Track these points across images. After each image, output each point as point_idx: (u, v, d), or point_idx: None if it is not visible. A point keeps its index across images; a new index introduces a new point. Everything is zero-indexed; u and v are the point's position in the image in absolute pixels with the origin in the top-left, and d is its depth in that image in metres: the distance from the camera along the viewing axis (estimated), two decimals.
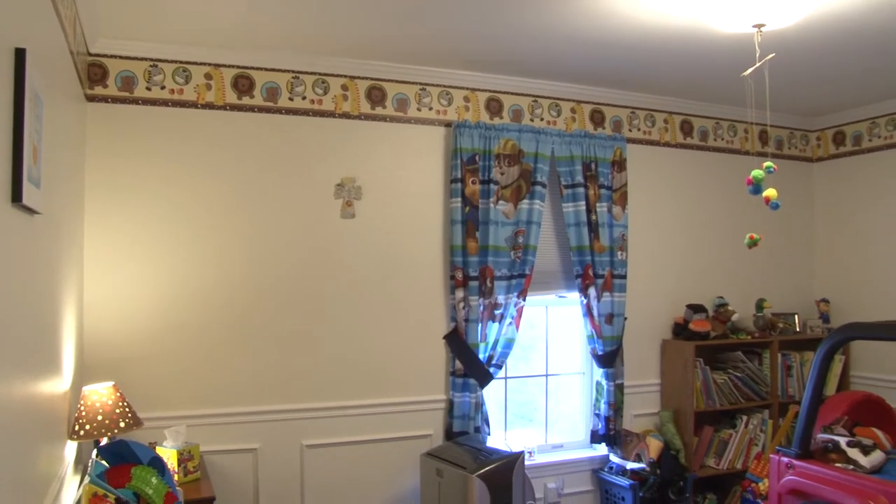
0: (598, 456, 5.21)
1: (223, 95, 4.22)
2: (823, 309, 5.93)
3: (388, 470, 4.60)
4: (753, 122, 5.75)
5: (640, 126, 5.40)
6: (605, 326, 5.02)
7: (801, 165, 6.16)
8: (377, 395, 4.58)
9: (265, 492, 4.29)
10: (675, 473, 5.02)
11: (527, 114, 4.99)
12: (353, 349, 4.51)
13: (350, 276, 4.51)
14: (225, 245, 4.22)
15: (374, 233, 4.57)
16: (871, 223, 5.74)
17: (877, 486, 3.82)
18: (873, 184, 5.72)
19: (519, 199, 4.77)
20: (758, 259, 5.81)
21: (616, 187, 5.11)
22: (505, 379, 5.06)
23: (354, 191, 4.52)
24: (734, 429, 5.35)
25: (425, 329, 4.69)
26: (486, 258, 4.67)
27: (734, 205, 5.69)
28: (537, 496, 4.86)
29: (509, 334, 4.75)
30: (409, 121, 4.67)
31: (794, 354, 5.65)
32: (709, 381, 5.24)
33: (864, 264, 5.79)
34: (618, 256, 5.09)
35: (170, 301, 4.10)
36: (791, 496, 4.24)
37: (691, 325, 5.26)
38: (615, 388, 5.07)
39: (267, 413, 4.31)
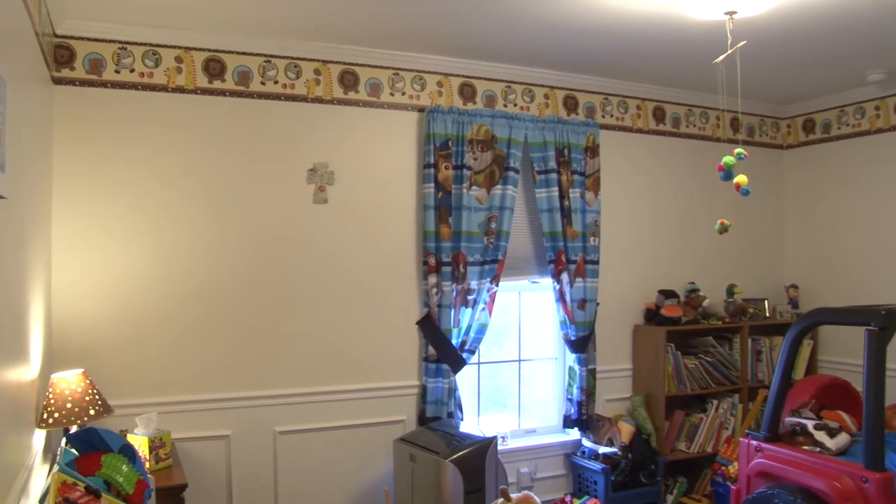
0: (571, 440, 5.24)
1: (194, 79, 4.17)
2: (792, 294, 6.00)
3: (362, 456, 4.60)
4: (725, 109, 5.79)
5: (613, 112, 5.41)
6: (578, 312, 5.05)
7: (772, 152, 6.21)
8: (350, 381, 4.57)
9: (238, 478, 4.27)
10: (647, 457, 5.07)
11: (500, 99, 4.98)
12: (325, 335, 4.50)
13: (322, 261, 4.49)
14: (196, 230, 4.18)
15: (346, 218, 4.55)
16: (840, 210, 5.81)
17: (842, 468, 3.88)
18: (841, 171, 5.79)
19: (492, 185, 4.76)
20: (729, 245, 5.87)
21: (589, 173, 5.12)
22: (478, 364, 5.07)
23: (327, 176, 4.50)
24: (705, 413, 5.41)
25: (398, 315, 4.69)
26: (458, 244, 4.67)
27: (706, 191, 5.73)
28: (510, 481, 4.89)
29: (482, 320, 4.76)
30: (383, 106, 4.65)
31: (763, 339, 5.72)
32: (680, 366, 5.28)
33: (833, 250, 5.86)
34: (590, 242, 5.11)
35: (140, 287, 4.06)
36: (760, 478, 4.30)
37: (663, 311, 5.30)
38: (587, 373, 5.10)
39: (239, 399, 4.28)
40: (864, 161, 5.63)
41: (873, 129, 5.56)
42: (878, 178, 5.52)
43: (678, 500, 5.31)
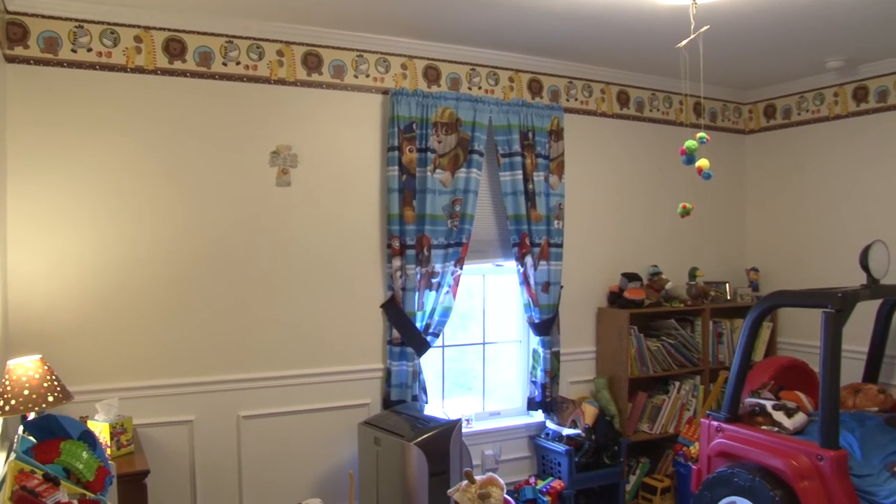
0: (535, 422, 5.28)
1: (154, 59, 4.10)
2: (753, 278, 6.08)
3: (326, 439, 4.59)
4: (688, 93, 5.83)
5: (578, 96, 5.42)
6: (542, 295, 5.07)
7: (734, 137, 6.27)
8: (314, 365, 4.56)
9: (201, 463, 4.25)
10: (610, 439, 5.12)
11: (465, 82, 4.97)
12: (289, 319, 4.47)
13: (286, 244, 4.46)
14: (157, 213, 4.12)
15: (310, 201, 4.52)
16: (799, 194, 5.89)
17: (799, 447, 3.96)
18: (801, 156, 5.87)
19: (456, 168, 4.76)
20: (691, 229, 5.93)
21: (553, 156, 5.13)
22: (442, 347, 5.08)
23: (290, 158, 4.46)
24: (667, 394, 5.48)
25: (362, 298, 4.67)
26: (423, 227, 4.66)
27: (669, 175, 5.77)
28: (475, 463, 4.91)
29: (446, 303, 4.76)
30: (346, 88, 4.61)
31: (724, 322, 5.79)
32: (643, 349, 5.34)
33: (792, 234, 5.95)
34: (554, 225, 5.13)
35: (100, 271, 4.00)
36: (720, 458, 4.37)
37: (626, 294, 5.34)
38: (551, 356, 5.13)
39: (202, 384, 4.25)
40: (822, 147, 5.71)
41: (832, 115, 5.63)
42: (836, 163, 5.60)
43: (641, 481, 5.38)
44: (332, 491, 4.57)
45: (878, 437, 4.22)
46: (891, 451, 4.01)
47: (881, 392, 4.84)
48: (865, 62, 5.25)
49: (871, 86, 5.36)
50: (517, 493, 4.98)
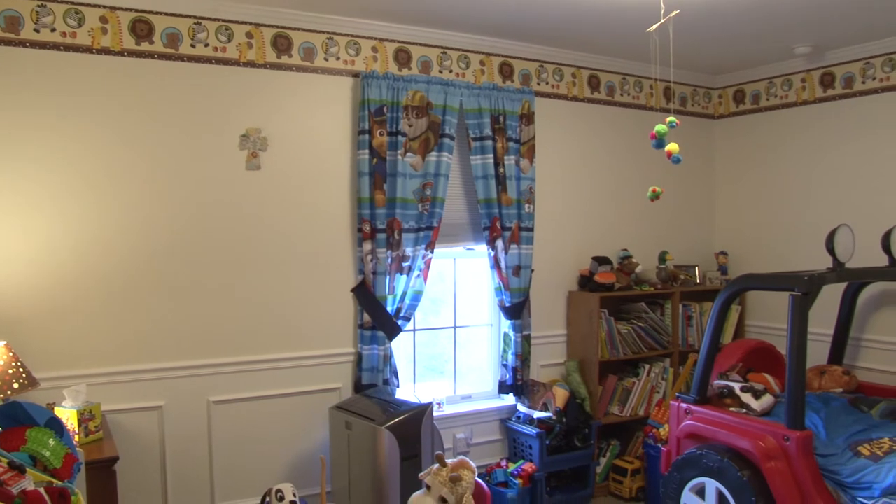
0: (506, 406, 5.30)
1: (120, 40, 4.03)
2: (722, 261, 6.13)
3: (297, 424, 4.58)
4: (658, 78, 5.85)
5: (549, 80, 5.42)
6: (513, 278, 5.08)
7: (704, 122, 6.31)
8: (285, 350, 4.54)
9: (172, 449, 4.22)
10: (581, 421, 5.16)
11: (435, 65, 4.94)
12: (259, 303, 4.44)
13: (256, 228, 4.42)
14: (124, 197, 4.06)
15: (280, 184, 4.48)
16: (767, 179, 5.95)
17: (766, 428, 4.02)
18: (769, 141, 5.92)
19: (427, 152, 4.74)
20: (661, 212, 5.97)
21: (524, 140, 5.14)
22: (413, 331, 5.08)
23: (260, 142, 4.41)
24: (637, 377, 5.52)
25: (333, 282, 4.66)
26: (393, 210, 4.64)
27: (640, 159, 5.80)
28: (446, 446, 4.92)
29: (417, 287, 4.76)
30: (316, 71, 4.57)
31: (694, 305, 5.84)
32: (613, 332, 5.37)
33: (760, 218, 6.01)
34: (525, 209, 5.14)
35: (66, 255, 3.93)
36: (689, 440, 4.42)
37: (596, 277, 5.36)
38: (522, 339, 5.15)
39: (172, 370, 4.21)
40: (790, 132, 5.76)
41: (799, 100, 5.69)
42: (803, 148, 5.66)
43: (611, 463, 5.43)
44: (303, 475, 4.56)
45: (843, 417, 4.30)
46: (854, 431, 4.09)
47: (846, 374, 4.93)
48: (832, 49, 5.30)
49: (837, 72, 5.41)
50: (489, 476, 5.00)
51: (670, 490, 4.39)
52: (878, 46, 5.11)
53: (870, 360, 5.19)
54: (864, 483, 3.65)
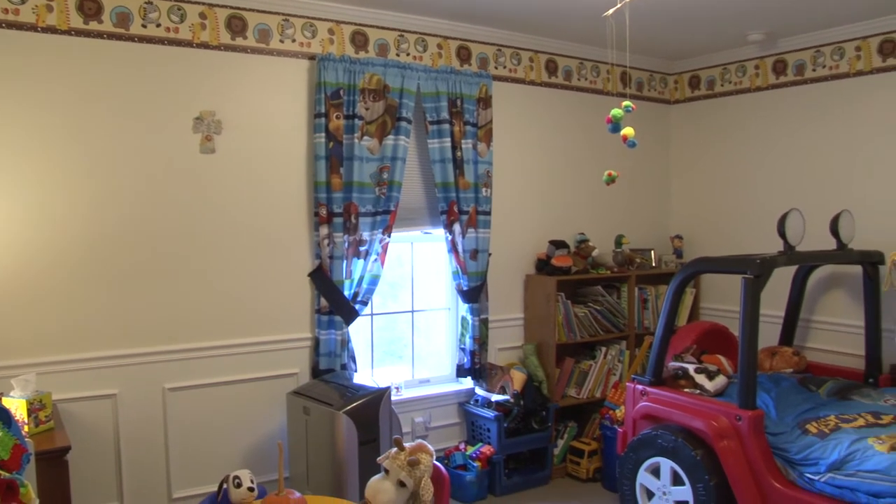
0: (464, 389, 5.33)
1: (67, 19, 3.92)
2: (677, 245, 6.20)
3: (255, 410, 4.54)
4: (615, 63, 5.89)
5: (506, 64, 5.42)
6: (470, 262, 5.09)
7: (660, 107, 6.37)
8: (241, 335, 4.49)
9: (126, 438, 4.15)
10: (538, 404, 5.20)
11: (392, 48, 4.91)
12: (215, 288, 4.39)
13: (210, 212, 4.36)
14: (73, 181, 3.96)
15: (235, 168, 4.42)
16: (721, 164, 6.02)
17: (719, 408, 4.09)
18: (723, 127, 5.99)
19: (384, 135, 4.72)
20: (617, 196, 6.02)
21: (481, 124, 5.14)
22: (371, 316, 5.06)
23: (214, 125, 4.35)
24: (594, 360, 5.58)
25: (289, 267, 4.62)
26: (350, 194, 4.62)
27: (596, 144, 5.83)
28: (405, 430, 4.93)
29: (374, 271, 4.74)
30: (272, 53, 4.51)
31: (649, 288, 5.91)
32: (570, 315, 5.41)
33: (714, 203, 6.09)
34: (482, 193, 5.14)
35: (12, 240, 3.83)
36: (645, 421, 4.49)
37: (553, 261, 5.39)
38: (480, 323, 5.17)
39: (125, 357, 4.15)
40: (743, 117, 5.84)
41: (753, 87, 5.76)
42: (756, 134, 5.74)
43: (568, 444, 5.48)
44: (261, 461, 4.54)
45: (792, 396, 4.40)
46: (803, 410, 4.19)
47: (796, 354, 5.04)
48: (784, 36, 5.38)
49: (789, 59, 5.49)
50: (447, 460, 5.03)
51: (626, 470, 4.45)
52: (828, 35, 5.19)
53: (819, 341, 5.31)
54: (811, 459, 3.74)
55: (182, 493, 4.35)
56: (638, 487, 4.39)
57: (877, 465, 3.48)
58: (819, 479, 3.66)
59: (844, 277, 5.16)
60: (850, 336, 5.09)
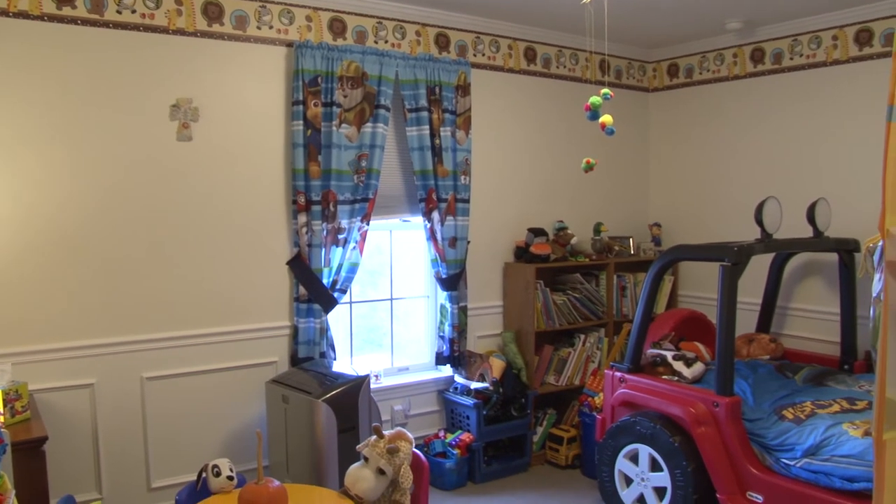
0: (444, 377, 5.33)
1: (39, 4, 3.85)
2: (655, 233, 6.23)
3: (234, 399, 4.52)
4: (593, 50, 5.89)
5: (485, 51, 5.40)
6: (449, 250, 5.08)
7: (638, 95, 6.38)
8: (220, 324, 4.47)
9: (104, 427, 4.12)
10: (517, 391, 5.22)
11: (371, 36, 4.88)
12: (193, 277, 4.36)
13: (188, 200, 4.32)
14: (50, 168, 3.91)
15: (212, 156, 4.38)
16: (699, 152, 6.05)
17: (696, 395, 4.12)
18: (701, 114, 6.02)
19: (362, 123, 4.69)
20: (596, 184, 6.03)
21: (460, 112, 5.12)
22: (350, 304, 5.05)
23: (191, 112, 4.30)
24: (572, 347, 5.60)
25: (268, 255, 4.59)
26: (328, 182, 4.59)
27: (575, 131, 5.83)
28: (384, 418, 4.93)
29: (353, 259, 4.73)
30: (249, 39, 4.47)
31: (628, 276, 5.93)
32: (549, 303, 5.42)
33: (693, 190, 6.12)
34: (461, 181, 5.13)
35: None
36: (623, 407, 4.52)
37: (532, 249, 5.40)
38: (459, 311, 5.17)
39: (103, 346, 4.10)
40: (722, 105, 5.86)
41: (731, 75, 5.78)
42: (734, 122, 5.77)
43: (548, 431, 5.51)
44: (240, 450, 4.52)
45: (769, 383, 4.44)
46: (779, 396, 4.23)
47: (772, 341, 5.08)
48: (762, 25, 5.40)
49: (767, 48, 5.52)
50: (427, 447, 5.03)
51: (605, 457, 4.48)
52: (805, 24, 5.22)
53: (795, 328, 5.36)
54: (787, 445, 3.78)
55: (161, 482, 4.32)
56: (616, 474, 4.42)
57: (851, 450, 3.53)
58: (795, 465, 3.70)
59: (821, 265, 5.21)
60: (826, 323, 5.14)
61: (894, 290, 1.93)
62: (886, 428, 1.97)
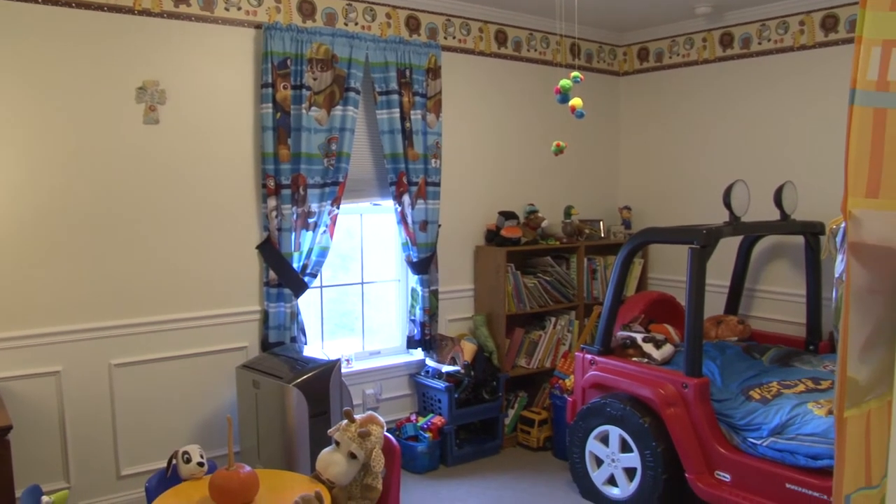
0: (415, 361, 5.34)
1: None
2: (626, 216, 6.26)
3: (204, 384, 4.49)
4: (564, 34, 5.89)
5: (456, 34, 5.38)
6: (420, 234, 5.08)
7: (609, 79, 6.39)
8: (189, 309, 4.42)
9: (72, 415, 4.06)
10: (489, 374, 5.24)
11: (340, 18, 4.84)
12: (160, 262, 4.31)
13: (156, 184, 4.26)
14: (11, 151, 3.82)
15: (180, 139, 4.33)
16: (668, 136, 6.09)
17: (666, 376, 4.16)
18: (671, 98, 6.05)
19: (332, 106, 4.66)
20: (567, 168, 6.04)
21: (430, 95, 5.10)
22: (320, 288, 5.03)
23: (158, 95, 4.24)
24: (543, 330, 5.62)
25: (237, 239, 4.55)
26: (298, 166, 4.56)
27: (546, 115, 5.83)
28: (356, 402, 4.92)
29: (323, 243, 4.70)
30: (217, 21, 4.40)
31: (598, 259, 5.96)
32: (520, 286, 5.44)
33: (662, 174, 6.16)
34: (432, 164, 5.12)
35: None
36: (594, 389, 4.55)
37: (503, 232, 5.40)
38: (430, 294, 5.17)
39: (69, 333, 4.05)
40: (691, 89, 5.90)
41: (700, 59, 5.82)
42: (703, 106, 5.81)
43: (519, 414, 5.54)
44: (211, 436, 4.49)
45: (737, 364, 4.50)
46: (747, 377, 4.29)
47: (740, 323, 5.15)
48: (731, 9, 5.43)
49: (735, 32, 5.55)
50: (399, 431, 5.04)
51: (576, 438, 4.52)
52: (773, 9, 5.26)
53: (762, 310, 5.43)
54: (754, 424, 3.84)
55: (131, 469, 4.29)
56: (587, 455, 4.46)
57: (815, 429, 3.59)
58: (761, 444, 3.76)
59: (788, 248, 5.27)
60: (793, 305, 5.21)
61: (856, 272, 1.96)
62: (847, 406, 2.00)
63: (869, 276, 1.98)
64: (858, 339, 1.98)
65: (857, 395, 2.01)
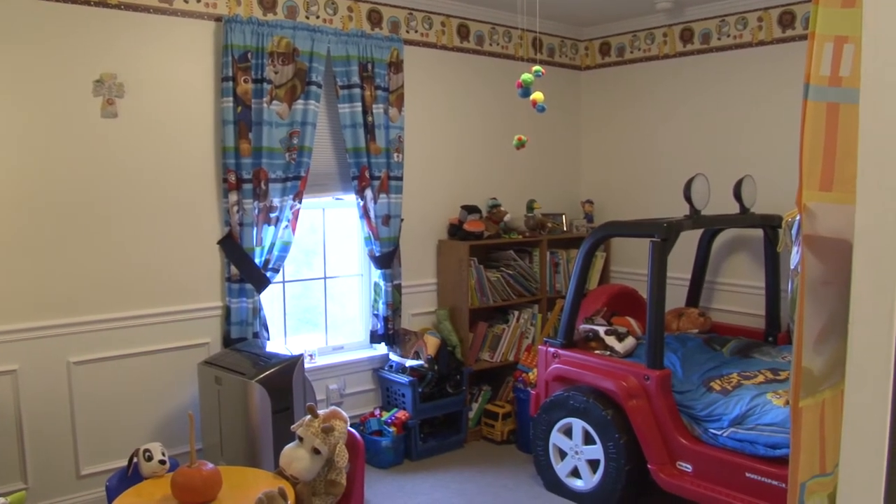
0: (378, 355, 5.33)
1: None
2: (588, 209, 6.31)
3: (165, 381, 4.44)
4: (526, 28, 5.90)
5: (418, 28, 5.37)
6: (382, 228, 5.06)
7: (571, 73, 6.42)
8: (149, 305, 4.37)
9: (29, 415, 3.98)
10: (452, 368, 5.24)
11: (302, 11, 4.80)
12: (120, 257, 4.24)
13: (115, 179, 4.19)
14: None
15: (139, 133, 4.26)
16: (629, 130, 6.14)
17: (628, 369, 4.20)
18: (632, 93, 6.10)
19: (294, 100, 4.62)
20: (529, 162, 6.06)
21: (393, 89, 5.09)
22: (283, 283, 4.99)
23: (116, 88, 4.17)
24: (507, 324, 5.64)
25: (198, 234, 4.50)
26: (259, 160, 4.52)
27: (508, 109, 5.85)
28: (320, 398, 4.91)
29: (285, 238, 4.67)
30: (176, 13, 4.34)
31: (561, 252, 6.00)
32: (483, 280, 5.45)
33: (624, 167, 6.21)
34: (394, 158, 5.11)
35: None
36: (557, 382, 4.58)
37: (466, 226, 5.41)
38: (393, 289, 5.16)
39: (25, 331, 3.97)
40: (652, 84, 5.95)
41: (661, 54, 5.87)
42: (664, 100, 5.87)
43: (483, 408, 5.55)
44: (172, 433, 4.44)
45: (698, 356, 4.56)
46: (707, 369, 4.35)
47: (701, 315, 5.21)
48: (691, 5, 5.49)
49: (695, 28, 5.61)
50: (362, 426, 5.03)
51: (540, 431, 4.54)
52: (733, 5, 5.33)
53: (723, 302, 5.51)
54: (714, 415, 3.89)
55: (91, 468, 4.22)
56: (551, 448, 4.49)
57: (774, 419, 3.65)
58: (722, 434, 3.81)
59: (747, 241, 5.35)
60: (752, 297, 5.29)
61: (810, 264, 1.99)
62: (802, 395, 2.04)
63: (823, 267, 2.01)
64: (813, 330, 2.01)
65: (812, 385, 2.05)
